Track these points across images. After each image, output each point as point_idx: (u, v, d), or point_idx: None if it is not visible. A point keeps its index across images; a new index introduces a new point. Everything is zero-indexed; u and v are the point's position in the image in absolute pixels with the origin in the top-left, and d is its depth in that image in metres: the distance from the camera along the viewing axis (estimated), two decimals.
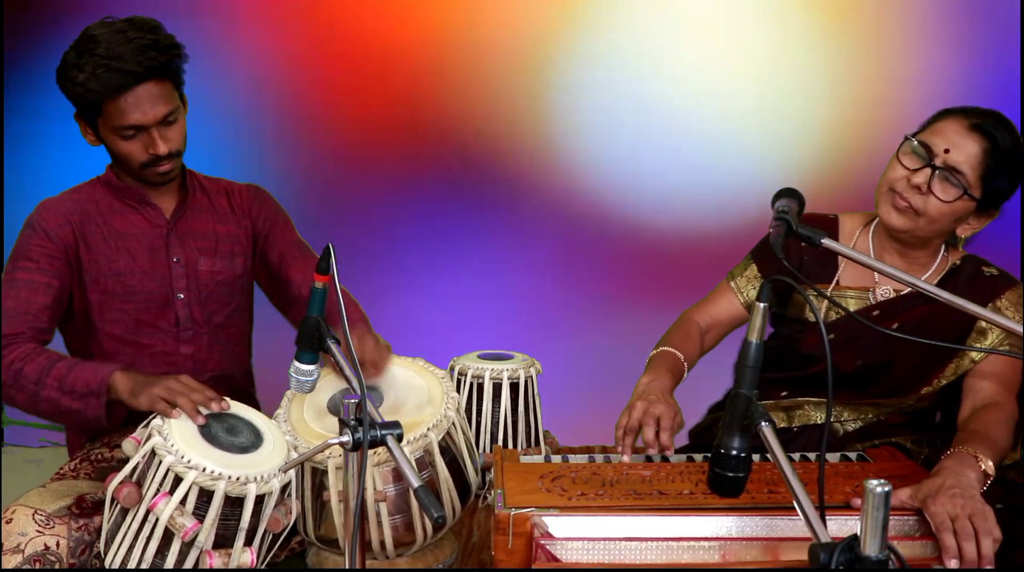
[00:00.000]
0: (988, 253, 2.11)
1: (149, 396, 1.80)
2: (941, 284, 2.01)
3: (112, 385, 1.88)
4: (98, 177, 2.19)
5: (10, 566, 1.77)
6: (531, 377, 2.37)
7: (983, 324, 2.00)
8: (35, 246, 2.07)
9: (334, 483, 1.87)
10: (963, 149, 1.91)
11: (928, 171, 1.91)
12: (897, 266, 1.91)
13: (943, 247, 2.08)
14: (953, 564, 1.54)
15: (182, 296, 2.18)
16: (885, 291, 2.08)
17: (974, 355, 2.00)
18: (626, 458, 1.87)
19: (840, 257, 2.12)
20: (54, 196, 2.16)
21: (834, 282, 2.13)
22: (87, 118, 2.07)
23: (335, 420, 1.94)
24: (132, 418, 1.97)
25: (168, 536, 1.68)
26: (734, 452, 1.55)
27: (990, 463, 1.71)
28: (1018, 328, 1.61)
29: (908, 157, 1.96)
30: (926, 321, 2.01)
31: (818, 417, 2.13)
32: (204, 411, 1.79)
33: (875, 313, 2.05)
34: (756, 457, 1.79)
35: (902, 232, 1.99)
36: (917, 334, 1.77)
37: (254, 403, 2.40)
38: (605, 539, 1.62)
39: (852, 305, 2.10)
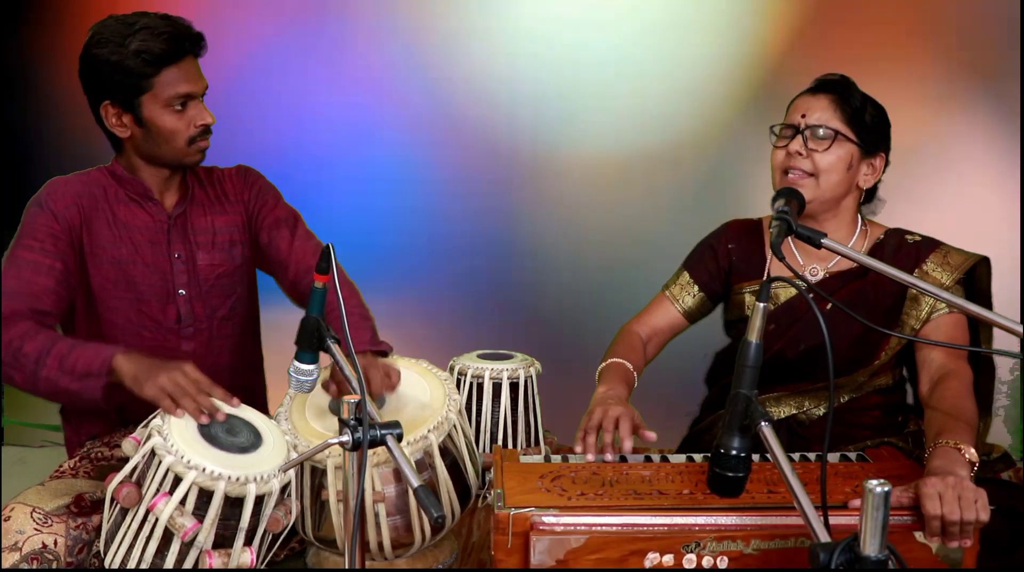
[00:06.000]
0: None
1: (154, 388, 1.77)
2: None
3: (115, 368, 1.85)
4: (104, 166, 2.16)
5: (8, 564, 1.76)
6: (531, 377, 2.37)
7: (915, 291, 2.08)
8: (41, 225, 2.04)
9: (332, 482, 1.87)
10: (816, 107, 2.07)
11: (799, 137, 2.06)
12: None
13: (861, 220, 2.17)
14: (934, 543, 1.58)
15: (183, 292, 2.17)
16: (814, 270, 2.16)
17: (913, 323, 2.08)
18: (590, 457, 1.89)
19: (767, 251, 2.24)
20: (62, 176, 2.13)
21: (765, 276, 2.21)
22: (125, 100, 2.04)
23: (335, 420, 1.93)
24: (134, 417, 1.97)
25: (168, 536, 1.68)
26: (734, 452, 1.55)
27: (972, 450, 1.76)
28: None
29: (780, 140, 2.12)
30: (859, 295, 2.11)
31: (780, 412, 2.19)
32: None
33: (810, 295, 2.09)
34: (756, 457, 1.80)
35: (810, 202, 2.05)
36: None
37: (260, 396, 2.40)
38: (602, 525, 1.65)
39: (783, 295, 2.18)
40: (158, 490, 1.67)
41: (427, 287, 3.47)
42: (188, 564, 1.70)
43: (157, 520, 1.66)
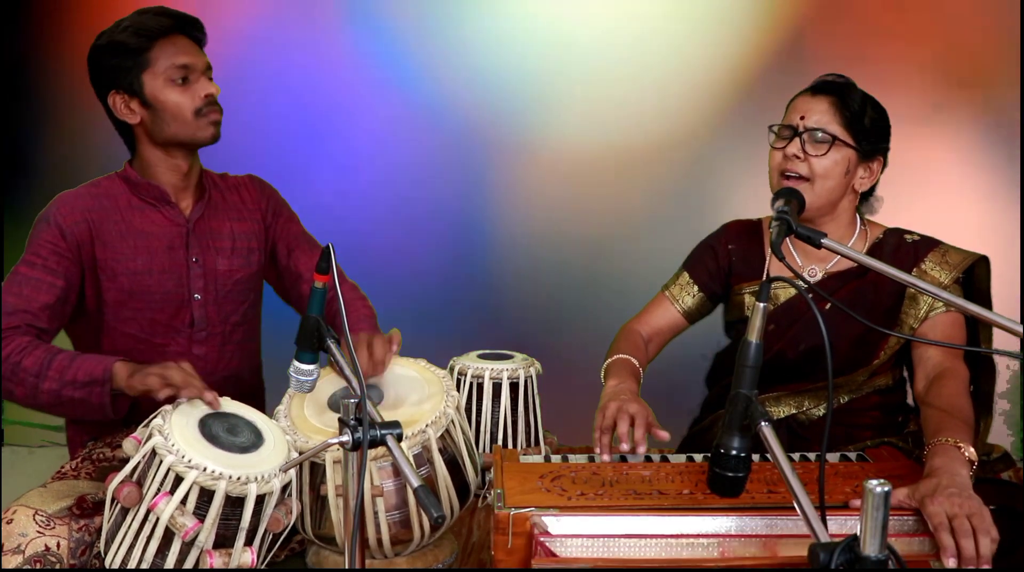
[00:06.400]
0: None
1: (144, 378, 1.80)
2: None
3: (113, 374, 1.88)
4: (116, 173, 2.17)
5: (10, 567, 1.77)
6: (531, 377, 2.37)
7: (914, 290, 2.07)
8: (46, 242, 2.05)
9: (331, 477, 1.87)
10: (815, 110, 2.05)
11: (797, 140, 2.05)
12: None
13: (859, 221, 2.17)
14: (951, 563, 1.55)
15: (198, 296, 2.18)
16: (813, 271, 2.16)
17: (912, 322, 2.08)
18: (606, 457, 1.89)
19: (766, 252, 2.23)
20: (72, 190, 2.13)
21: (764, 276, 2.21)
22: (128, 83, 2.06)
23: (335, 416, 1.94)
24: (135, 417, 1.96)
25: (168, 536, 1.68)
26: (734, 452, 1.55)
27: (971, 449, 1.76)
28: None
29: (778, 141, 2.10)
30: (858, 295, 2.11)
31: (780, 412, 2.19)
32: (206, 409, 1.78)
33: (810, 295, 2.09)
34: (756, 457, 1.80)
35: (807, 207, 2.05)
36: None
37: (259, 401, 2.40)
38: (603, 536, 1.62)
39: (783, 295, 2.18)
40: (159, 490, 1.67)
41: (426, 287, 3.48)
42: (189, 564, 1.70)
43: (158, 520, 1.66)
